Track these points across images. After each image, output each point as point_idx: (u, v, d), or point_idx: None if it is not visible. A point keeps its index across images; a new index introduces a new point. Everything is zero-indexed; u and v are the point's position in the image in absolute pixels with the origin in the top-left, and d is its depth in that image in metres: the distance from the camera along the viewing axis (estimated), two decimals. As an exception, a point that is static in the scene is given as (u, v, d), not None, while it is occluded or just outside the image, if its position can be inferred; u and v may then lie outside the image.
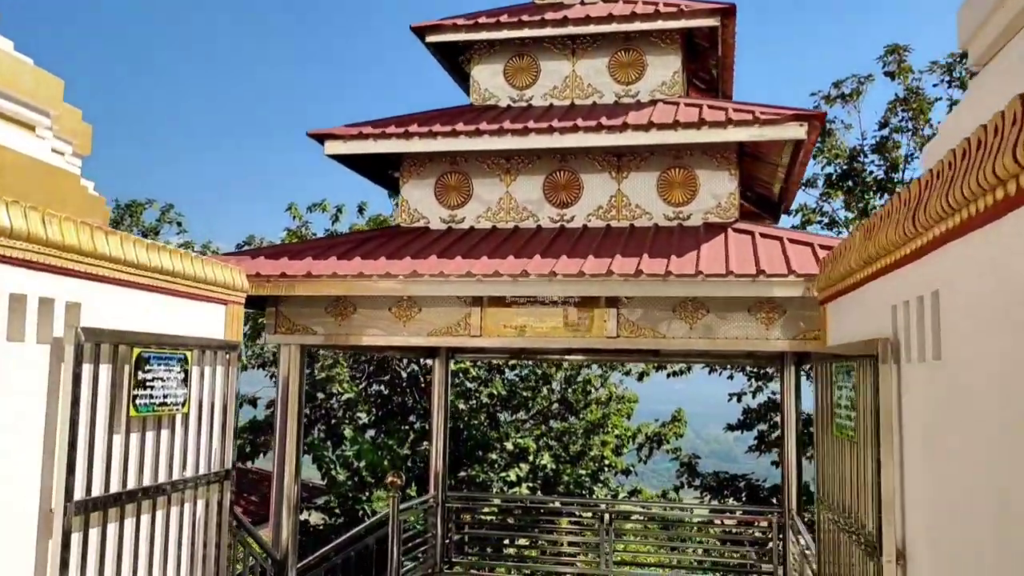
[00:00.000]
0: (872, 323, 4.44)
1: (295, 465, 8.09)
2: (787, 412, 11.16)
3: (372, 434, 18.10)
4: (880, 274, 4.22)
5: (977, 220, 2.90)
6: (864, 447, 4.27)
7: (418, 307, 7.71)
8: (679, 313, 7.22)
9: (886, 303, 4.13)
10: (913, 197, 3.53)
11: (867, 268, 4.44)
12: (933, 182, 3.31)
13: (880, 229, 4.07)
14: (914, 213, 3.46)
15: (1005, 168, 2.49)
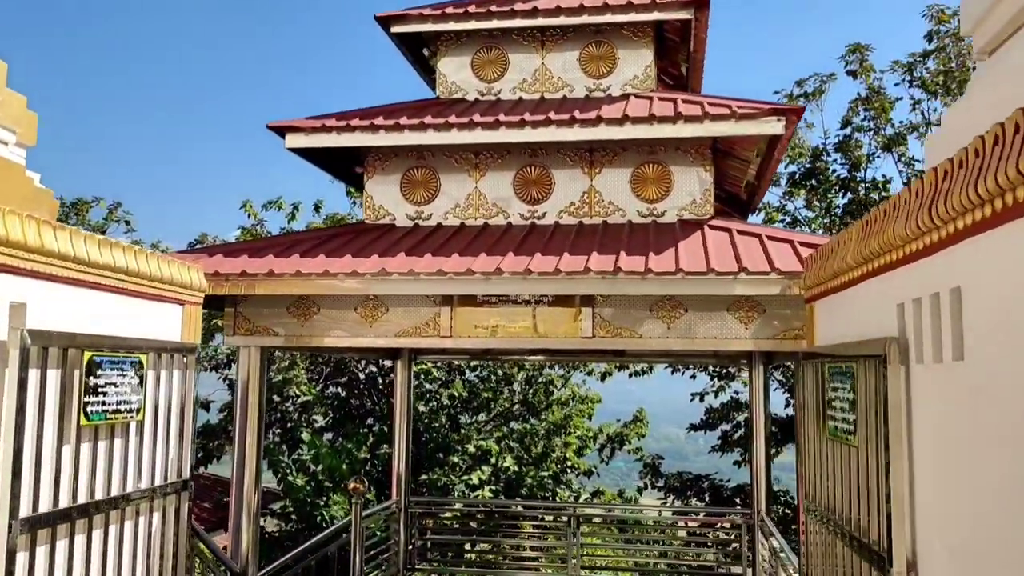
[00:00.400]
0: (871, 322, 4.26)
1: (255, 471, 7.73)
2: (756, 412, 11.07)
3: (330, 437, 17.67)
4: (883, 271, 4.04)
5: (1011, 211, 2.71)
6: (867, 451, 4.09)
7: (385, 307, 7.40)
8: (656, 312, 7.02)
9: (890, 301, 3.95)
10: (929, 189, 3.35)
11: (866, 265, 4.26)
12: (955, 172, 3.12)
13: (884, 224, 3.89)
14: (931, 205, 3.27)
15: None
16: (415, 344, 7.38)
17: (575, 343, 7.19)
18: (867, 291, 4.38)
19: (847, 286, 4.76)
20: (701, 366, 16.86)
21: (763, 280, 6.37)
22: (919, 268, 3.60)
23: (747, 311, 6.90)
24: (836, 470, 4.76)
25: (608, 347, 7.16)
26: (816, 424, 5.23)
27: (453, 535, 12.42)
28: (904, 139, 14.48)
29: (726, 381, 16.67)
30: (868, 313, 4.37)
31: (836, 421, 4.70)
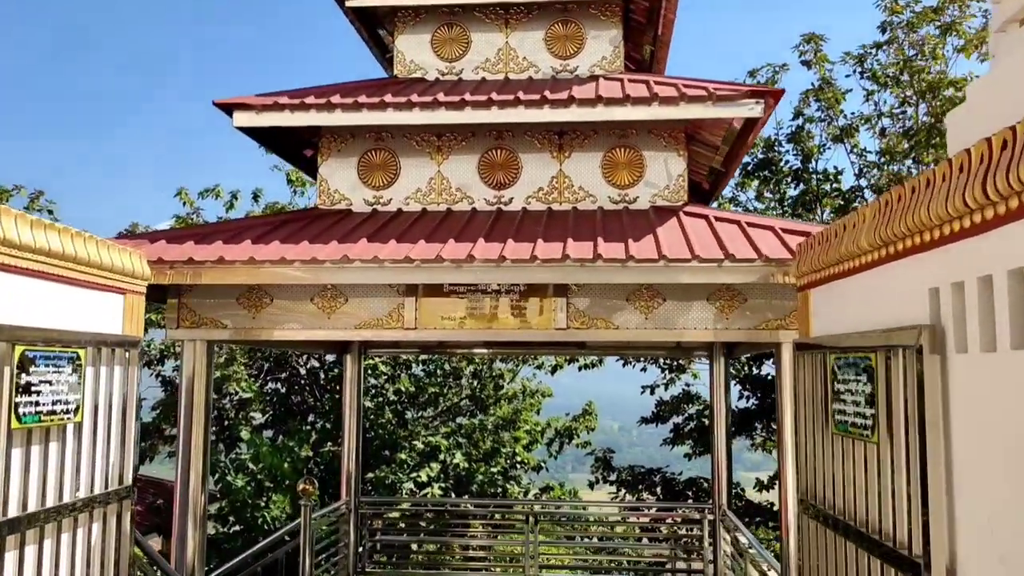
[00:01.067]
0: (892, 309, 3.97)
1: (201, 473, 7.17)
2: (716, 404, 10.88)
3: (270, 435, 16.99)
4: (910, 253, 3.75)
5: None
6: (890, 449, 3.80)
7: (344, 297, 6.91)
8: (633, 302, 6.68)
9: (919, 286, 3.66)
10: (980, 162, 3.05)
11: (887, 248, 3.97)
12: (1015, 143, 2.82)
13: (914, 203, 3.59)
14: (987, 179, 2.97)
15: None
16: (377, 337, 6.91)
17: (548, 335, 6.82)
18: (886, 276, 4.09)
19: (856, 271, 4.46)
20: (652, 359, 16.67)
21: (748, 268, 6.08)
22: (963, 249, 3.31)
23: (727, 300, 6.62)
24: (844, 468, 4.47)
25: (583, 339, 6.81)
26: (816, 418, 4.95)
27: (406, 535, 11.96)
28: (856, 130, 14.49)
29: (676, 374, 16.52)
30: (887, 300, 4.08)
31: (846, 416, 4.41)
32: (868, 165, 14.18)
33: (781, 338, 6.55)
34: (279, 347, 10.12)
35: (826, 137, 14.80)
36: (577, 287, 6.71)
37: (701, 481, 15.71)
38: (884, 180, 13.46)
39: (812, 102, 14.71)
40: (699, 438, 16.08)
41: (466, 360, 17.27)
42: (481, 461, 16.14)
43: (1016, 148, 2.84)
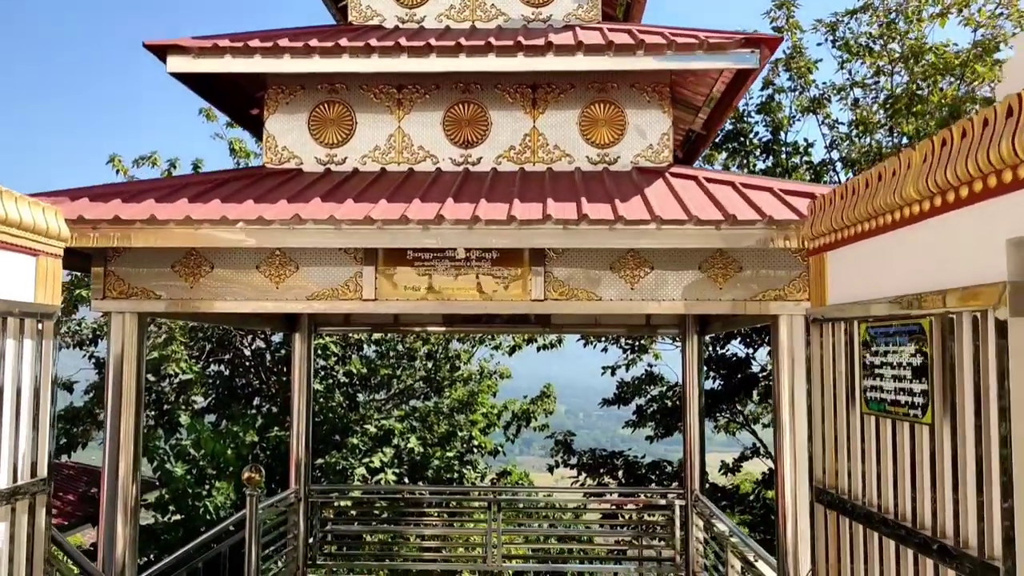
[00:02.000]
0: (950, 268, 3.38)
1: (132, 461, 6.36)
2: (689, 384, 10.32)
3: (212, 420, 16.07)
4: (979, 199, 3.16)
5: None
6: (950, 431, 3.22)
7: (295, 264, 6.15)
8: (618, 271, 6.04)
9: (993, 237, 3.07)
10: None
11: (946, 194, 3.37)
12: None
13: (994, 136, 2.99)
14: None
15: None
16: (332, 309, 6.17)
17: (523, 307, 6.14)
18: (940, 229, 3.49)
19: (895, 227, 3.87)
20: (614, 339, 16.14)
21: (750, 231, 5.47)
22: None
23: (721, 269, 6.01)
24: (879, 452, 3.90)
25: (562, 311, 6.15)
26: (838, 397, 4.37)
27: (360, 525, 11.24)
28: (828, 101, 14.06)
29: (638, 354, 16.02)
30: (941, 257, 3.49)
31: (883, 393, 3.82)
32: (841, 137, 13.75)
33: (779, 310, 5.98)
34: (220, 322, 9.30)
35: (795, 109, 14.35)
36: (556, 254, 6.06)
37: (664, 464, 15.27)
38: (857, 152, 13.06)
39: (782, 71, 14.25)
40: (661, 420, 15.62)
41: (421, 340, 16.54)
42: (436, 445, 15.46)
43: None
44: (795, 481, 5.93)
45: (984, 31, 12.09)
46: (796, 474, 5.92)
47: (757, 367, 14.50)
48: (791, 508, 5.95)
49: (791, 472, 5.95)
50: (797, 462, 5.92)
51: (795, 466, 5.93)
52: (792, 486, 5.94)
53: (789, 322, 5.97)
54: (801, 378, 5.91)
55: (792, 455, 5.95)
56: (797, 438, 5.92)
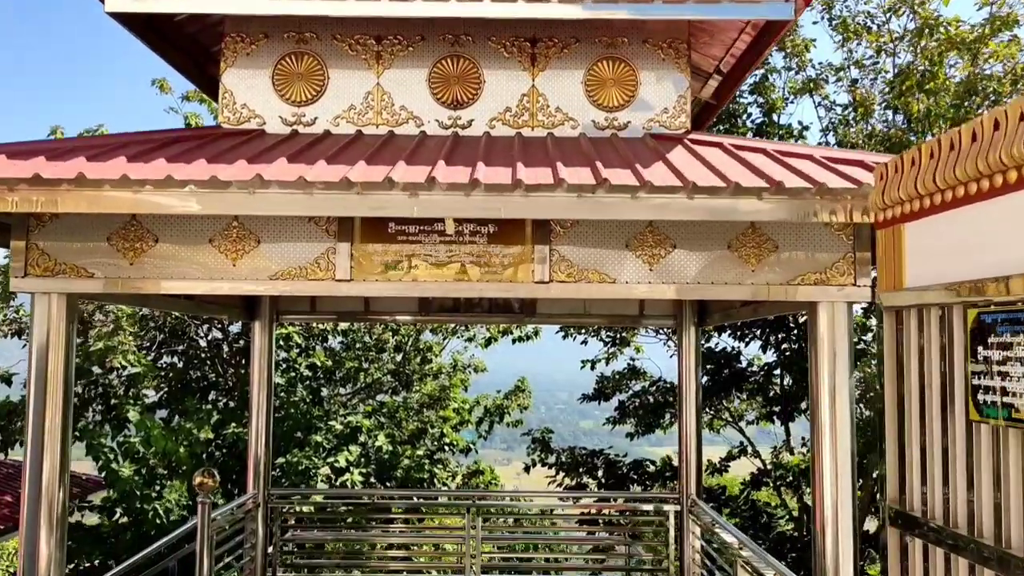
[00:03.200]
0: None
1: (60, 460, 5.39)
2: (686, 379, 9.53)
3: (164, 416, 14.97)
4: None
5: None
6: None
7: (255, 238, 5.21)
8: (635, 249, 5.19)
9: None
10: None
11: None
12: None
13: None
14: None
15: None
16: (298, 291, 5.24)
17: (524, 290, 5.27)
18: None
19: (1019, 187, 3.06)
20: (594, 330, 15.33)
21: (797, 203, 4.64)
22: None
23: (754, 248, 5.19)
24: (996, 470, 3.10)
25: (569, 295, 5.28)
26: (930, 401, 3.56)
27: (324, 532, 10.31)
28: (825, 82, 13.36)
29: (620, 347, 15.23)
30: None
31: (1010, 396, 3.02)
32: (840, 120, 13.05)
33: (819, 296, 5.17)
34: (167, 308, 8.26)
35: (788, 92, 13.62)
36: (564, 229, 5.19)
37: (647, 464, 14.50)
38: (856, 135, 12.37)
39: (775, 51, 13.52)
40: (643, 417, 14.85)
41: (391, 331, 15.59)
42: (406, 443, 14.53)
43: None
44: (836, 492, 5.13)
45: (997, 7, 11.46)
46: (838, 484, 5.13)
47: (746, 362, 13.79)
48: (831, 523, 5.15)
49: (831, 481, 5.15)
50: (839, 469, 5.13)
51: (836, 474, 5.14)
52: (832, 498, 5.14)
53: (830, 310, 5.16)
54: (843, 373, 5.13)
55: (832, 461, 5.15)
56: (838, 442, 5.13)
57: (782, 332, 12.50)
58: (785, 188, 4.55)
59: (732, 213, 4.64)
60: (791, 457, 13.71)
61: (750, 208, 4.62)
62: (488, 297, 9.64)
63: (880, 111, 12.56)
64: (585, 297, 5.27)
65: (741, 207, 4.63)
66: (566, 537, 11.01)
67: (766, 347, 12.71)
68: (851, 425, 5.17)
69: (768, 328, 12.48)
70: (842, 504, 5.12)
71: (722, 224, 5.14)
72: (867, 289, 5.17)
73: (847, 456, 5.15)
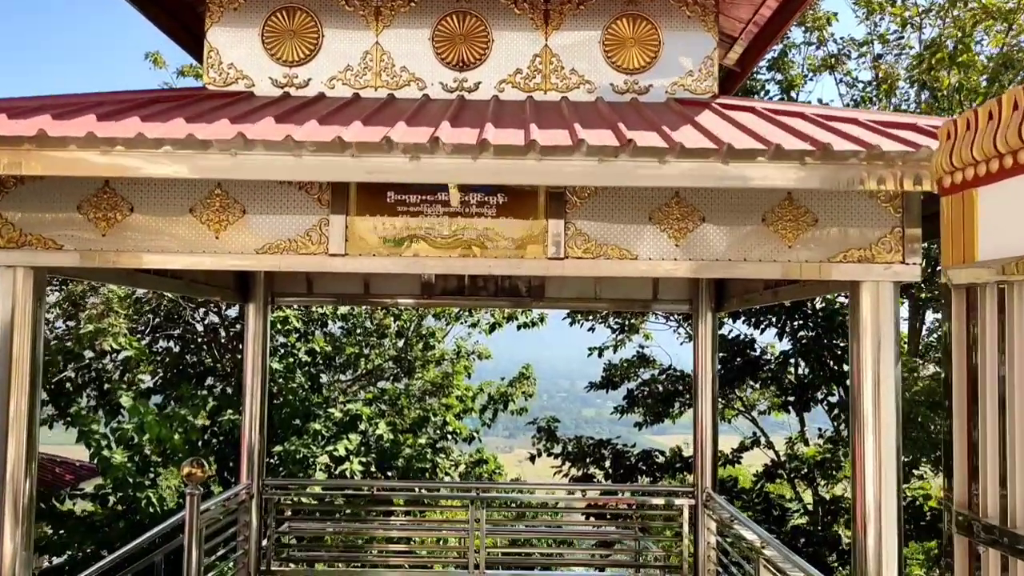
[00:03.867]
0: None
1: (25, 450, 4.91)
2: (702, 368, 9.03)
3: (159, 401, 14.53)
4: None
5: None
6: None
7: (240, 207, 4.72)
8: (659, 222, 4.70)
9: None
10: None
11: None
12: None
13: None
14: None
15: None
16: (288, 266, 4.75)
17: (535, 267, 4.78)
18: None
19: None
20: (602, 318, 14.85)
21: (845, 169, 4.14)
22: None
23: (791, 221, 4.70)
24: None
25: (585, 272, 4.79)
26: (1014, 394, 3.07)
27: (321, 523, 9.88)
28: (847, 57, 12.82)
29: (628, 334, 14.75)
30: None
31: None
32: (864, 97, 12.52)
33: (863, 274, 4.68)
34: (152, 286, 7.73)
35: (808, 68, 13.09)
36: (581, 200, 4.70)
37: (656, 454, 14.04)
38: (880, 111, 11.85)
39: (795, 25, 12.98)
40: (652, 406, 14.38)
41: (392, 316, 15.11)
42: (408, 432, 14.08)
43: None
44: (880, 489, 4.65)
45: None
46: (882, 480, 4.65)
47: (759, 350, 13.29)
48: (874, 522, 4.66)
49: (874, 477, 4.67)
50: (883, 465, 4.65)
51: (879, 470, 4.65)
52: (876, 496, 4.66)
53: (874, 290, 4.67)
54: (888, 361, 4.64)
55: (876, 456, 4.66)
56: (883, 436, 4.65)
57: (799, 319, 12.01)
58: (833, 152, 4.05)
59: (770, 180, 4.14)
60: (806, 448, 13.24)
61: (791, 175, 4.12)
62: (494, 279, 9.19)
63: (904, 88, 12.03)
64: (604, 275, 4.78)
65: (780, 174, 4.13)
66: (573, 531, 10.55)
67: (782, 334, 12.22)
68: (897, 417, 4.69)
69: (785, 314, 11.99)
70: (886, 502, 4.64)
71: (757, 195, 4.66)
72: (916, 267, 4.68)
73: (892, 451, 4.67)
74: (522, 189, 4.72)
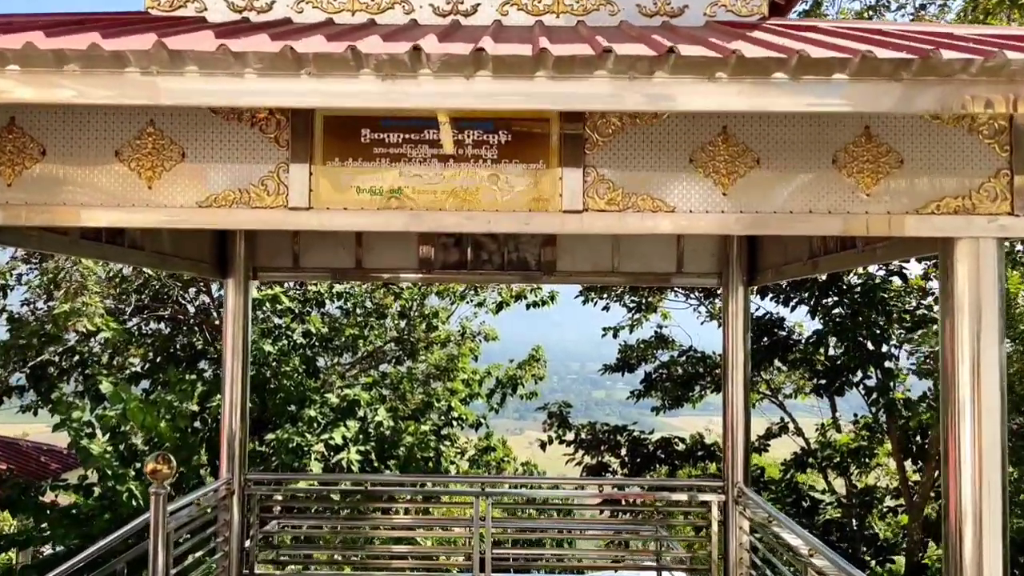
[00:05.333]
0: None
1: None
2: (732, 349, 8.08)
3: (146, 387, 13.68)
4: None
5: None
6: None
7: (178, 149, 3.78)
8: (701, 165, 3.74)
9: None
10: None
11: None
12: None
13: None
14: None
15: None
16: (236, 222, 3.81)
17: (548, 222, 3.83)
18: None
19: None
20: (617, 296, 13.88)
21: (945, 88, 3.16)
22: None
23: (869, 163, 3.73)
24: None
25: (610, 229, 3.83)
26: None
27: (311, 522, 8.99)
28: (886, 7, 11.76)
29: (645, 314, 13.80)
30: None
31: None
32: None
33: (961, 229, 3.71)
34: (89, 254, 6.76)
35: (839, 16, 12.03)
36: (603, 138, 3.74)
37: (675, 441, 13.12)
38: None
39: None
40: (670, 390, 13.44)
41: (393, 295, 14.19)
42: (410, 418, 13.19)
43: None
44: (979, 483, 3.70)
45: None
46: (982, 473, 3.69)
47: (787, 329, 12.31)
48: (972, 521, 3.71)
49: (972, 470, 3.71)
50: (984, 456, 3.69)
51: (979, 461, 3.70)
52: (974, 491, 3.70)
53: (974, 249, 3.70)
54: (992, 335, 3.69)
55: (975, 446, 3.71)
56: (983, 422, 3.69)
57: (833, 294, 11.03)
58: (939, 62, 3.07)
59: (854, 102, 3.17)
60: (839, 435, 12.28)
61: (883, 96, 3.15)
62: (500, 251, 8.32)
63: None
64: (631, 232, 3.81)
65: (867, 94, 3.16)
66: (588, 528, 9.64)
67: (815, 312, 11.24)
68: (1001, 403, 3.73)
69: (818, 290, 11.01)
70: (989, 499, 3.69)
71: (828, 129, 3.70)
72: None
73: (996, 440, 3.71)
74: (530, 127, 3.76)
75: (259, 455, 12.75)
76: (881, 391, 10.77)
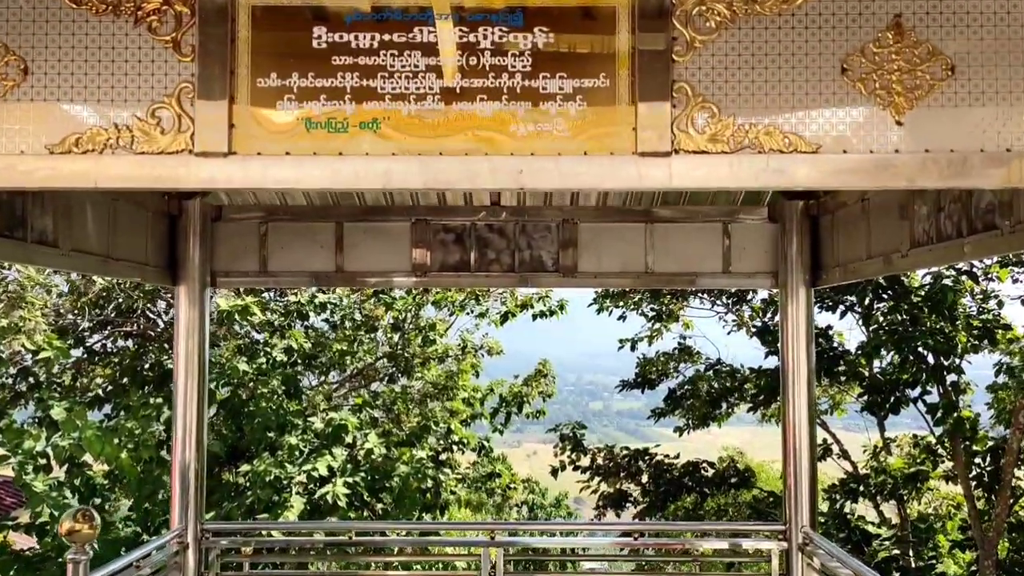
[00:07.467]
0: None
1: None
2: (793, 363, 6.54)
3: (108, 411, 12.23)
4: None
5: None
6: None
7: (19, 61, 2.34)
8: (860, 76, 2.32)
9: None
10: None
11: None
12: None
13: None
14: None
15: None
16: (106, 178, 2.37)
17: (618, 173, 2.39)
18: None
19: None
20: (634, 303, 12.44)
21: None
22: None
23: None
24: None
25: (717, 183, 2.40)
26: None
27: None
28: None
29: (666, 323, 12.37)
30: None
31: None
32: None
33: None
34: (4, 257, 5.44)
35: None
36: (703, 36, 2.32)
37: (703, 466, 11.68)
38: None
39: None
40: (696, 408, 12.02)
41: (384, 305, 12.72)
42: (405, 444, 11.74)
43: None
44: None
45: None
46: None
47: (832, 339, 10.90)
48: None
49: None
50: None
51: None
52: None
53: None
54: None
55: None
56: None
57: (888, 298, 9.63)
58: None
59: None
60: (892, 459, 10.84)
61: None
62: (510, 249, 6.85)
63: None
64: (749, 187, 2.37)
65: None
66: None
67: (867, 319, 9.83)
68: None
69: (870, 293, 9.61)
70: None
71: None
72: None
73: None
74: (585, 21, 2.34)
75: (234, 487, 11.30)
76: (948, 409, 9.34)
